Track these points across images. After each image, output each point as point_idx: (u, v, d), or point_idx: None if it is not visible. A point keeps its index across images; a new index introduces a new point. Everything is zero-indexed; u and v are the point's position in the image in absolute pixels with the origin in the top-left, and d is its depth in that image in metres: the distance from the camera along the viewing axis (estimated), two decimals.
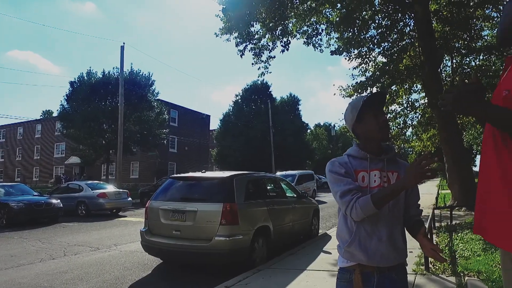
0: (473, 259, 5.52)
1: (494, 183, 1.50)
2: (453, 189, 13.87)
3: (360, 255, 1.79)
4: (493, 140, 1.52)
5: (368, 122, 1.86)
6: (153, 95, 30.99)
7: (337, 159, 1.93)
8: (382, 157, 1.89)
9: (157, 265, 6.59)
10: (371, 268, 1.79)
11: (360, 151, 1.90)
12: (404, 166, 1.92)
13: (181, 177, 6.95)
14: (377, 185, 1.83)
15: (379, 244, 1.78)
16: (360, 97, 1.91)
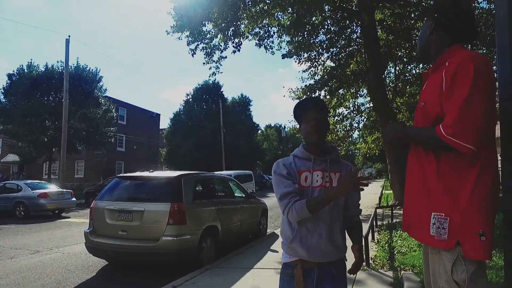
0: (409, 254, 5.86)
1: (415, 188, 1.75)
2: (395, 189, 14.65)
3: (301, 251, 1.88)
4: (415, 151, 1.76)
5: (304, 126, 1.99)
6: (101, 91, 29.84)
7: (283, 159, 2.02)
8: (325, 158, 1.97)
9: (102, 267, 6.43)
10: (312, 264, 1.89)
11: (304, 152, 1.99)
12: (346, 166, 2.03)
13: (128, 176, 6.83)
14: (319, 185, 1.92)
15: (319, 241, 1.87)
16: (303, 99, 2.10)
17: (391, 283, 4.64)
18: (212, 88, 43.07)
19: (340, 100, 17.95)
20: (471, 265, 1.54)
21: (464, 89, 1.50)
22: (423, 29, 1.86)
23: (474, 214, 1.52)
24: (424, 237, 1.66)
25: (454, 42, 1.73)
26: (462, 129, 1.48)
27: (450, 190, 1.57)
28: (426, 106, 1.66)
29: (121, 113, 38.74)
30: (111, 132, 30.99)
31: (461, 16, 1.75)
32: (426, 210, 1.64)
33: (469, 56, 1.58)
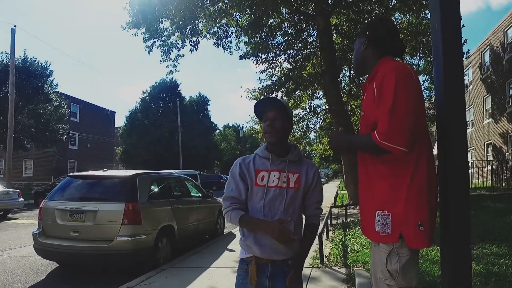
0: (362, 252, 6.11)
1: (363, 190, 1.93)
2: (349, 189, 15.15)
3: (255, 248, 1.94)
4: (361, 155, 1.94)
5: (263, 126, 2.06)
6: (51, 86, 28.53)
7: (244, 157, 2.09)
8: (284, 158, 2.00)
9: (52, 270, 6.20)
10: (266, 260, 1.95)
11: (264, 151, 2.04)
12: (308, 166, 2.07)
13: (80, 175, 6.64)
14: (275, 185, 1.96)
15: (272, 241, 1.90)
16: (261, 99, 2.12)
17: (343, 279, 4.82)
18: (169, 87, 42.45)
19: (296, 102, 18.32)
20: (403, 257, 1.71)
21: (388, 97, 1.68)
22: (356, 45, 2.05)
23: (413, 207, 1.69)
24: (372, 235, 1.80)
25: (385, 55, 1.93)
26: (392, 134, 1.65)
27: (390, 188, 1.73)
28: (366, 115, 1.84)
29: (74, 109, 37.24)
30: (63, 130, 29.74)
31: (388, 33, 1.97)
32: (372, 209, 1.79)
33: (391, 67, 1.77)
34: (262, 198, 1.96)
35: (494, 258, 4.77)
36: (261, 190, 1.97)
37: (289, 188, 1.97)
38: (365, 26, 2.11)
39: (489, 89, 22.67)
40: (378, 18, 2.20)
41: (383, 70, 1.78)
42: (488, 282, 3.87)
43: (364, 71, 2.06)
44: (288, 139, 2.12)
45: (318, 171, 2.10)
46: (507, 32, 20.32)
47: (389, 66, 1.78)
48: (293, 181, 1.98)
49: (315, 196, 2.07)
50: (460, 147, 1.77)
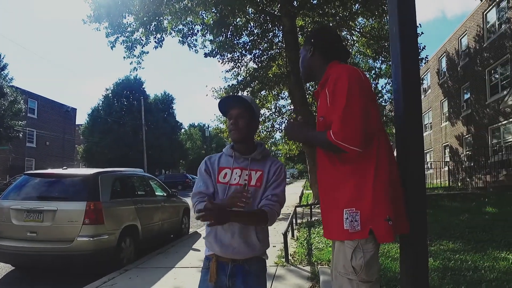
0: (326, 250, 6.19)
1: (324, 192, 1.97)
2: (314, 188, 15.38)
3: (215, 246, 1.96)
4: (320, 160, 1.99)
5: (227, 124, 2.07)
6: (5, 80, 27.17)
7: (211, 155, 2.12)
8: (247, 156, 2.01)
9: (7, 273, 5.95)
10: (226, 259, 1.96)
11: (229, 149, 2.07)
12: (272, 163, 2.04)
13: (38, 173, 6.38)
14: (236, 183, 1.97)
15: (232, 239, 1.93)
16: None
17: (308, 277, 4.90)
18: (133, 84, 41.57)
19: (262, 102, 18.42)
20: (368, 253, 1.76)
21: (341, 99, 1.75)
22: (302, 53, 2.13)
23: (380, 203, 1.74)
24: (339, 234, 1.82)
25: (331, 61, 2.01)
26: (346, 134, 1.72)
27: (356, 187, 1.78)
28: (326, 121, 1.88)
29: (31, 105, 35.61)
30: (19, 126, 28.43)
31: (333, 39, 2.08)
32: (338, 209, 1.81)
33: (342, 70, 1.85)
34: (223, 196, 1.96)
35: (450, 254, 5.00)
36: (223, 187, 1.98)
37: (249, 186, 1.96)
38: (309, 34, 2.18)
39: (446, 93, 23.73)
40: (321, 26, 2.34)
41: (334, 74, 1.84)
42: (445, 276, 4.05)
43: (311, 77, 2.16)
44: (254, 137, 2.12)
45: (282, 168, 2.06)
46: (461, 40, 21.35)
47: (340, 70, 1.85)
48: (254, 179, 1.98)
49: (271, 189, 2.00)
50: (417, 148, 1.87)
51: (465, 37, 20.64)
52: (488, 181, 15.38)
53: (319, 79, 2.02)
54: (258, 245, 1.99)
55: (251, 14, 15.19)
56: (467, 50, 20.25)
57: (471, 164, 18.32)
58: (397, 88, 1.94)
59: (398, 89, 1.92)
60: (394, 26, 1.90)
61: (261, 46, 16.25)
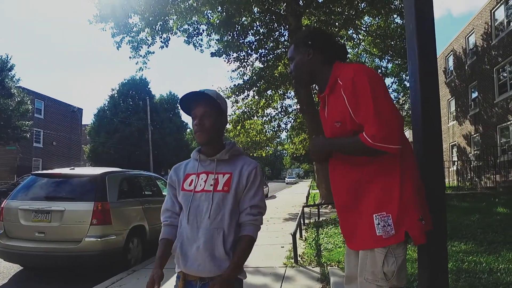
0: (335, 250, 6.14)
1: (345, 200, 1.86)
2: (321, 188, 15.31)
3: (181, 262, 1.72)
4: (335, 165, 1.90)
5: (192, 124, 1.80)
6: (13, 81, 27.35)
7: (180, 163, 1.92)
8: (213, 158, 1.77)
9: (15, 273, 5.95)
10: (193, 277, 1.71)
11: (195, 152, 1.84)
12: (244, 164, 1.78)
13: (45, 173, 6.38)
14: (201, 189, 1.73)
15: (197, 253, 1.68)
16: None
17: (318, 278, 4.84)
18: (139, 84, 41.67)
19: (268, 101, 18.37)
20: (399, 257, 1.68)
21: (368, 98, 1.64)
22: (298, 56, 1.98)
23: (411, 202, 1.66)
24: (372, 242, 1.71)
25: (332, 61, 1.91)
26: (386, 134, 1.62)
27: (383, 188, 1.70)
28: (342, 125, 1.77)
29: (38, 106, 35.82)
30: (26, 126, 28.59)
31: (330, 38, 1.99)
32: (366, 216, 1.72)
33: (357, 68, 1.75)
34: (187, 205, 1.74)
35: (463, 256, 4.91)
36: (187, 195, 1.75)
37: (216, 192, 1.71)
38: (301, 36, 2.01)
39: (453, 92, 23.54)
40: (312, 27, 2.16)
41: (346, 75, 1.74)
42: (459, 279, 3.97)
43: (311, 82, 2.02)
44: (222, 136, 1.88)
45: (257, 169, 1.78)
46: (468, 39, 21.16)
47: (353, 69, 1.74)
48: (222, 183, 1.72)
49: (249, 199, 1.75)
50: (436, 147, 1.82)
51: (473, 35, 20.45)
52: (497, 180, 15.22)
53: (320, 83, 1.93)
54: (227, 260, 1.67)
55: (256, 14, 15.14)
56: (475, 49, 20.06)
57: (479, 163, 18.15)
58: (414, 86, 1.89)
59: (416, 87, 1.87)
60: (411, 23, 1.85)
61: (267, 46, 16.18)
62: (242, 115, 17.84)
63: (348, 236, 1.89)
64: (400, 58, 17.43)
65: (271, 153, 32.91)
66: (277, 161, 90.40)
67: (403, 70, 18.19)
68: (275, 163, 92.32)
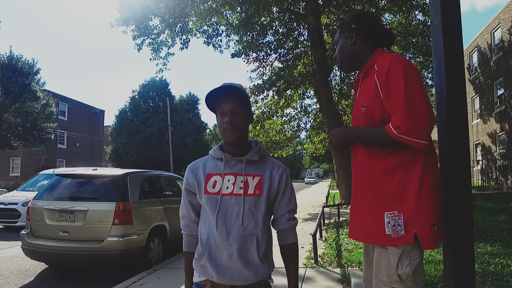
0: (356, 251, 6.08)
1: (360, 194, 1.81)
2: (341, 188, 15.17)
3: (211, 271, 1.59)
4: (355, 158, 1.85)
5: (218, 120, 1.67)
6: (38, 84, 28.12)
7: (193, 163, 1.76)
8: (241, 158, 1.65)
9: (41, 271, 6.09)
10: (223, 286, 1.60)
11: (218, 150, 1.69)
12: (274, 166, 1.70)
13: (69, 174, 6.52)
14: (230, 192, 1.60)
15: (229, 261, 1.57)
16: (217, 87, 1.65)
17: (339, 279, 4.80)
18: (159, 85, 42.14)
19: (287, 101, 18.32)
20: (415, 259, 1.62)
21: (400, 88, 1.59)
22: (341, 40, 1.94)
23: (425, 204, 1.59)
24: (379, 239, 1.67)
25: (375, 47, 1.85)
26: (413, 127, 1.55)
27: (399, 187, 1.63)
28: (368, 111, 1.72)
29: (62, 108, 36.76)
30: (51, 128, 29.33)
31: (375, 23, 1.92)
32: (377, 211, 1.67)
33: (395, 57, 1.69)
34: (214, 209, 1.60)
35: (489, 258, 4.78)
36: (213, 199, 1.61)
37: (247, 196, 1.60)
38: (347, 20, 1.95)
39: (478, 89, 22.96)
40: (360, 11, 2.09)
41: (383, 62, 1.69)
42: (485, 281, 3.87)
43: (353, 67, 1.96)
44: (248, 135, 1.77)
45: (287, 172, 1.72)
46: (494, 34, 20.59)
47: (391, 57, 1.69)
48: (252, 186, 1.61)
49: (285, 204, 1.69)
50: (462, 145, 1.75)
51: (499, 30, 19.89)
52: None
53: (361, 69, 1.87)
54: (262, 267, 1.62)
55: (275, 13, 15.11)
56: (501, 44, 19.50)
57: (505, 162, 17.64)
58: (439, 84, 1.83)
59: (441, 85, 1.80)
60: (436, 17, 1.79)
61: (286, 45, 16.14)
62: (261, 115, 17.84)
63: (355, 226, 1.84)
64: (422, 56, 17.10)
65: (291, 153, 32.78)
66: (296, 161, 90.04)
67: (425, 68, 17.83)
68: (294, 163, 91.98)
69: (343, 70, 2.08)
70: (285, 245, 1.72)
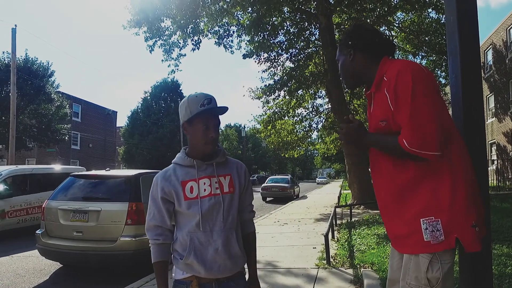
0: (368, 252, 6.02)
1: (389, 204, 1.76)
2: (353, 188, 15.06)
3: (198, 267, 1.71)
4: (378, 165, 1.81)
5: (197, 130, 1.75)
6: (53, 86, 28.54)
7: (162, 173, 1.82)
8: (210, 162, 1.78)
9: (55, 270, 6.18)
10: (209, 280, 1.73)
11: (186, 158, 1.79)
12: (237, 166, 1.86)
13: (82, 175, 6.60)
14: (208, 194, 1.73)
15: (216, 256, 1.71)
16: (202, 97, 1.74)
17: (351, 280, 4.76)
18: (170, 86, 42.40)
19: (299, 101, 18.24)
20: (446, 264, 1.59)
21: (407, 99, 1.56)
22: (341, 59, 1.93)
23: (463, 207, 1.56)
24: (420, 247, 1.62)
25: (378, 58, 1.80)
26: (421, 139, 1.53)
27: (432, 190, 1.60)
28: (388, 125, 1.69)
29: (75, 109, 37.23)
30: (65, 129, 29.74)
31: (371, 35, 1.85)
32: (412, 219, 1.63)
33: (403, 66, 1.64)
34: (197, 212, 1.71)
35: (505, 259, 4.69)
36: (193, 203, 1.72)
37: (224, 194, 1.76)
38: (343, 37, 1.91)
39: (492, 88, 22.59)
40: (354, 24, 2.00)
41: (391, 73, 1.64)
42: (502, 284, 3.79)
43: (357, 83, 1.94)
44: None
45: (246, 169, 1.92)
46: (509, 31, 20.22)
47: (398, 66, 1.65)
48: (226, 185, 1.78)
49: (248, 197, 1.90)
50: (479, 145, 1.72)
51: None
52: None
53: (368, 82, 1.83)
54: (242, 257, 1.81)
55: (287, 13, 15.07)
56: None
57: None
58: (455, 82, 1.80)
59: (457, 84, 1.77)
60: (452, 15, 1.76)
61: (298, 45, 16.06)
62: (273, 116, 17.80)
63: (393, 238, 1.81)
64: (435, 54, 16.87)
65: (302, 153, 32.68)
66: (307, 161, 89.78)
67: (438, 67, 17.59)
68: (305, 163, 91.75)
69: (347, 87, 2.08)
70: (248, 233, 1.92)
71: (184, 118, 1.76)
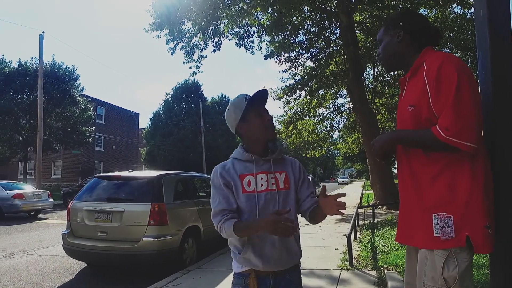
0: (392, 253, 5.90)
1: (409, 195, 1.74)
2: (375, 189, 14.85)
3: (255, 261, 1.76)
4: (403, 159, 1.77)
5: (253, 122, 1.81)
6: (78, 90, 29.27)
7: (221, 165, 1.87)
8: (268, 158, 1.83)
9: (81, 269, 6.29)
10: (266, 273, 1.78)
11: (244, 153, 1.84)
12: (292, 163, 1.91)
13: (107, 176, 6.71)
14: (265, 189, 1.78)
15: (273, 250, 1.76)
16: (242, 96, 1.85)
17: (375, 282, 4.67)
18: (191, 88, 42.76)
19: (320, 101, 18.12)
20: (463, 263, 1.54)
21: (451, 89, 1.52)
22: (386, 38, 1.89)
23: (478, 206, 1.53)
24: (428, 242, 1.61)
25: (422, 46, 1.78)
26: (461, 129, 1.49)
27: (449, 185, 1.57)
28: (415, 110, 1.66)
29: (99, 112, 38.07)
30: (89, 132, 30.44)
31: (423, 21, 1.84)
32: (425, 213, 1.62)
33: (449, 56, 1.62)
34: (254, 205, 1.76)
35: None
36: (251, 197, 1.77)
37: (279, 190, 1.80)
38: (394, 17, 1.93)
39: None
40: (407, 9, 1.99)
41: (434, 60, 1.61)
42: None
43: (398, 65, 1.91)
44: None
45: (301, 164, 1.95)
46: None
47: (444, 56, 1.61)
48: (282, 181, 1.82)
49: (306, 188, 1.90)
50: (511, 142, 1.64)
51: None
52: None
53: (407, 68, 1.81)
54: (298, 252, 1.88)
55: (307, 13, 14.97)
56: None
57: None
58: (484, 78, 1.72)
59: (487, 79, 1.70)
60: (482, 8, 1.69)
61: (318, 44, 15.94)
62: (294, 116, 17.72)
63: (403, 229, 1.79)
64: (460, 51, 16.46)
65: (323, 153, 32.43)
66: (329, 161, 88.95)
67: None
68: (327, 163, 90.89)
69: (386, 68, 2.04)
70: (316, 206, 1.83)
71: (237, 119, 1.82)
